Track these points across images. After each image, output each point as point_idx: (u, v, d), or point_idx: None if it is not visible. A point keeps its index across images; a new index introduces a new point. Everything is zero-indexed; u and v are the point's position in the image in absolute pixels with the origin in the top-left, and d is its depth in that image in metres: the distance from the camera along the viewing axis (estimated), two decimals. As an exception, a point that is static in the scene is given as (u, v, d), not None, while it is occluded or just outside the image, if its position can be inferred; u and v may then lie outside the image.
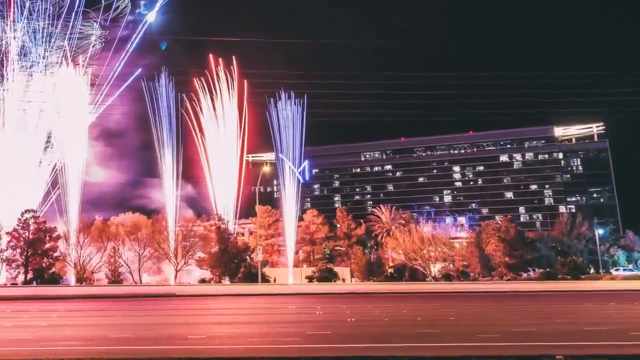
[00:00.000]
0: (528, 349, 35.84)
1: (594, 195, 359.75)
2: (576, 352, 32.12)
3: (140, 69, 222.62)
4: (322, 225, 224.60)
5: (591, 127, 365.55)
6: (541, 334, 46.30)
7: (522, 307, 79.52)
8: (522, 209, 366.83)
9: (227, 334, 48.47)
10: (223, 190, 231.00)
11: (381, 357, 30.16)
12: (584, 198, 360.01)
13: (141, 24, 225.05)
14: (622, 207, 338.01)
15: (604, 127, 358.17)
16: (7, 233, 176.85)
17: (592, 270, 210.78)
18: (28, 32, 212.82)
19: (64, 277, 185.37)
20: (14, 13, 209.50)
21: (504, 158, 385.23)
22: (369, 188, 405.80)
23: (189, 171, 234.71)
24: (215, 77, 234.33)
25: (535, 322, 56.44)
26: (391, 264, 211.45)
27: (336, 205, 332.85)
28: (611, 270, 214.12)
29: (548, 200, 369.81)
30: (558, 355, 30.87)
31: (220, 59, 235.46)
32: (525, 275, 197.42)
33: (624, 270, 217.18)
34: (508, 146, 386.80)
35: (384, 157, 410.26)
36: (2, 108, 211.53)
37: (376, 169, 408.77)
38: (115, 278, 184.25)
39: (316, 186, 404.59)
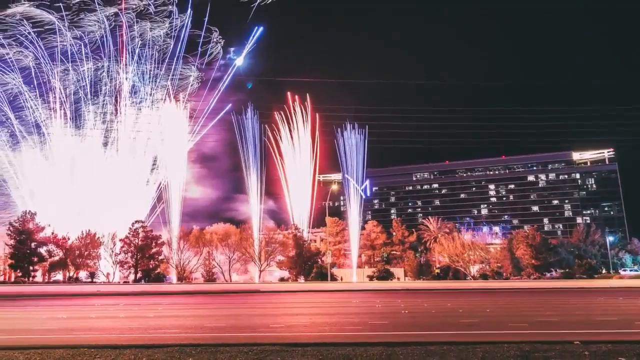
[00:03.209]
0: (551, 335, 35.33)
1: (606, 209, 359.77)
2: (591, 337, 31.58)
3: (230, 104, 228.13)
4: (381, 233, 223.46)
5: (603, 152, 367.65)
6: (562, 323, 45.59)
7: (546, 301, 78.35)
8: (546, 220, 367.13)
9: (303, 323, 48.22)
10: (298, 204, 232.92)
11: (430, 342, 29.86)
12: (597, 211, 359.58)
13: (231, 67, 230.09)
14: (629, 219, 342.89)
15: (613, 152, 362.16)
16: (120, 240, 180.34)
17: (603, 271, 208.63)
18: (137, 74, 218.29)
19: (167, 276, 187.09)
20: (125, 58, 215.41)
21: (531, 178, 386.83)
22: (419, 203, 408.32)
23: (270, 188, 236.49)
24: (292, 111, 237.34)
25: (557, 313, 55.60)
26: (438, 265, 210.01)
27: (392, 217, 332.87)
28: (620, 271, 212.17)
29: (567, 213, 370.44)
30: (576, 340, 30.38)
31: (296, 96, 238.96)
32: (548, 275, 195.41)
33: (631, 270, 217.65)
34: (534, 168, 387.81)
35: (432, 177, 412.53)
36: (117, 137, 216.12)
37: (425, 187, 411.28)
38: (209, 277, 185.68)
39: (376, 201, 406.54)
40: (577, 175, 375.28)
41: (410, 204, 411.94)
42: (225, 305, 77.57)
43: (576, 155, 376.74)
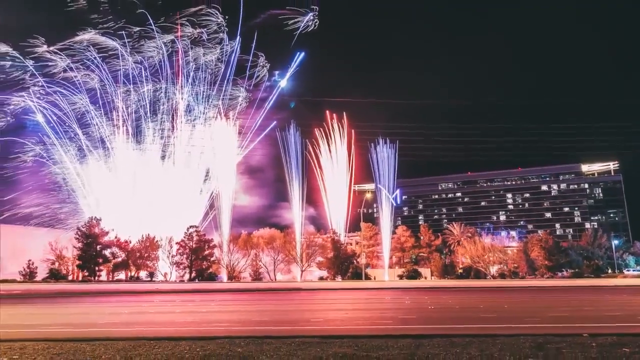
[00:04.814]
0: (563, 328, 35.10)
1: (611, 215, 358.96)
2: (598, 330, 31.40)
3: (274, 122, 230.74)
4: (410, 237, 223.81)
5: (609, 165, 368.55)
6: (572, 317, 45.26)
7: (557, 298, 77.70)
8: (557, 225, 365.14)
9: (340, 317, 48.26)
10: (336, 211, 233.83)
11: (454, 335, 29.87)
12: (603, 217, 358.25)
13: (276, 88, 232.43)
14: (632, 224, 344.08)
15: (618, 165, 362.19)
16: (176, 243, 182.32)
17: (609, 271, 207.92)
18: (192, 94, 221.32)
19: (219, 276, 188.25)
20: (181, 81, 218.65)
21: (544, 187, 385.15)
22: (444, 210, 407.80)
23: (311, 197, 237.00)
24: (330, 127, 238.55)
25: (568, 309, 55.16)
26: (461, 266, 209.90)
27: (420, 222, 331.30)
28: (624, 271, 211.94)
29: (577, 219, 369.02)
30: (584, 333, 30.25)
31: (334, 114, 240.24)
32: (560, 274, 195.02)
33: (634, 270, 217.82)
34: (547, 179, 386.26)
35: (455, 187, 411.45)
36: (173, 151, 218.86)
37: (449, 195, 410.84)
38: (256, 276, 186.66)
39: (405, 208, 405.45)
40: (586, 185, 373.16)
41: (436, 211, 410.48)
42: (270, 301, 77.73)
43: (585, 167, 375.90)
